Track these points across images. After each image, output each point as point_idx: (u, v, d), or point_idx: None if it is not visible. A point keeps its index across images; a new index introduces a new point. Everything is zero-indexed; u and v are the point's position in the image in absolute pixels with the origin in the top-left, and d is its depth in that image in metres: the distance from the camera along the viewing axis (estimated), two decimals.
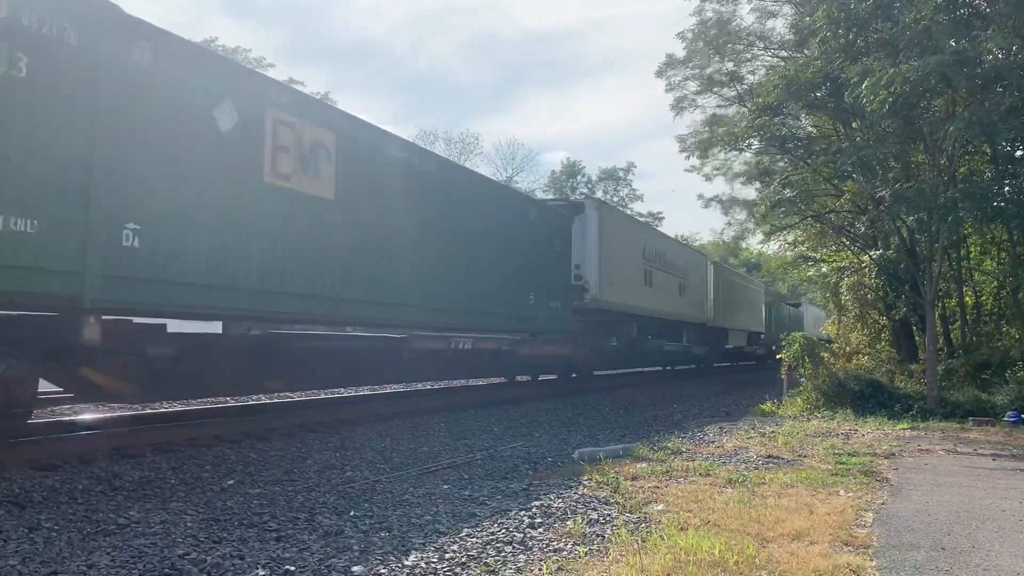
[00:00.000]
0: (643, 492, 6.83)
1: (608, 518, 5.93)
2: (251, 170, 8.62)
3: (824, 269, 21.38)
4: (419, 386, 16.65)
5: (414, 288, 11.57)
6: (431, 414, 12.58)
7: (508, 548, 5.08)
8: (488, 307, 13.93)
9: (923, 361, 15.81)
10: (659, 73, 24.81)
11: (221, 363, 9.08)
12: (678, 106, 24.77)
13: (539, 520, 5.85)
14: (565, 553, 4.98)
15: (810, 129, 17.99)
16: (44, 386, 7.85)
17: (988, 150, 15.86)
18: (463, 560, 4.80)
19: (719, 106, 24.60)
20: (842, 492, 7.04)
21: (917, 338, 18.41)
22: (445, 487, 7.14)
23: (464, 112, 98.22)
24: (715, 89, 24.13)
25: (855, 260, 19.97)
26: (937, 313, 16.37)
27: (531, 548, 5.09)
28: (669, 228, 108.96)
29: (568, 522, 5.73)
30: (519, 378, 18.62)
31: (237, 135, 8.39)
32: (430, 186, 12.19)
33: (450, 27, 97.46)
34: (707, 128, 24.33)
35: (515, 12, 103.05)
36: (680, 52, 24.01)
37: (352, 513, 6.00)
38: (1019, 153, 16.07)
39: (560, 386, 18.37)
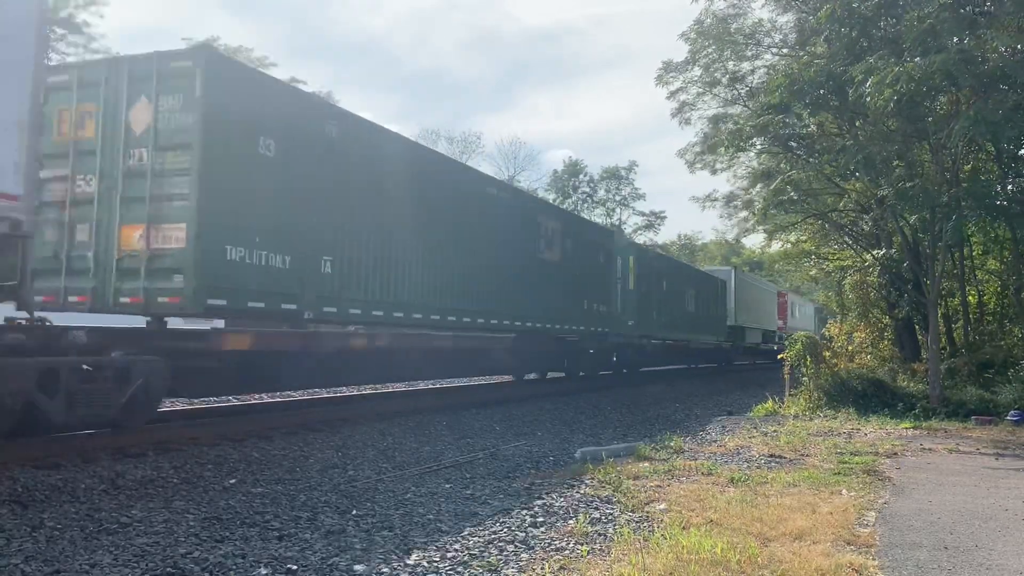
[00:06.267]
0: (645, 491, 6.82)
1: (610, 517, 5.93)
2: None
3: (828, 267, 21.36)
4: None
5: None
6: (433, 413, 12.58)
7: (510, 547, 5.08)
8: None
9: (926, 360, 15.79)
10: (658, 79, 24.68)
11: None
12: (680, 113, 24.72)
13: (541, 519, 5.85)
14: (567, 552, 4.98)
15: (812, 128, 17.96)
16: None
17: (992, 148, 15.83)
18: (465, 559, 4.80)
19: (721, 108, 24.56)
20: (844, 491, 7.03)
21: (920, 337, 18.39)
22: (447, 486, 7.14)
23: (465, 110, 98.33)
24: (715, 90, 24.06)
25: (858, 259, 19.96)
26: (940, 312, 16.35)
27: (533, 547, 5.09)
28: (671, 227, 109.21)
29: (570, 521, 5.73)
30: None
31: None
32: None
33: (451, 24, 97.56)
34: (712, 128, 24.26)
35: (516, 9, 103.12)
36: (681, 56, 23.95)
37: (354, 512, 6.00)
38: (1023, 151, 16.04)
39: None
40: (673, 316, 25.45)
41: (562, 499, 6.52)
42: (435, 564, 4.69)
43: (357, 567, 4.60)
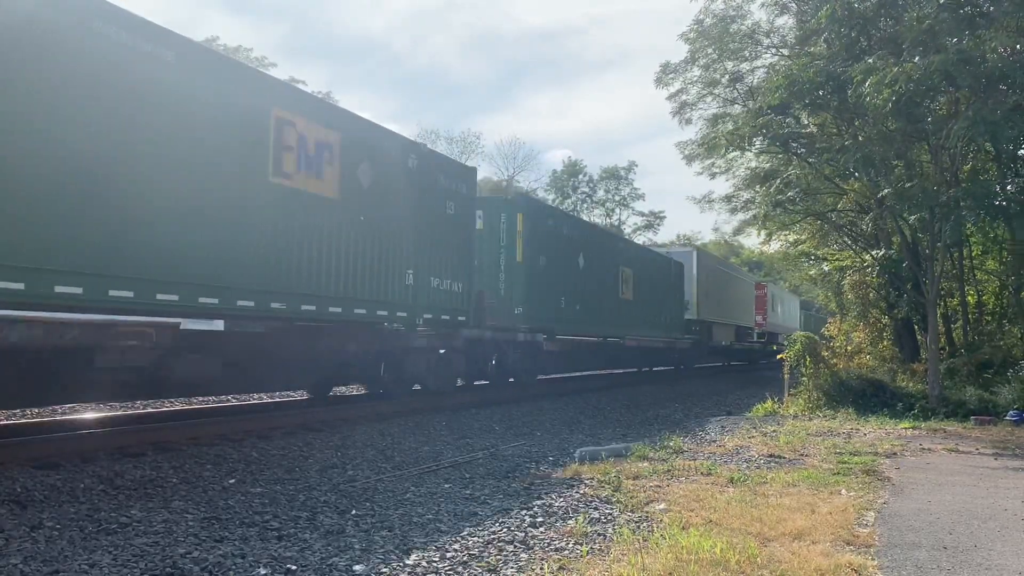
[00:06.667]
0: (645, 491, 6.82)
1: (610, 517, 5.93)
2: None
3: (826, 267, 21.39)
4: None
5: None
6: (432, 413, 12.58)
7: (509, 547, 5.08)
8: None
9: (925, 360, 15.80)
10: (657, 81, 24.63)
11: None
12: (680, 113, 24.70)
13: (540, 519, 5.85)
14: (567, 552, 4.98)
15: (812, 129, 17.98)
16: None
17: (991, 148, 15.84)
18: (464, 559, 4.80)
19: (721, 108, 24.56)
20: (844, 491, 7.03)
21: (919, 337, 18.41)
22: (446, 486, 7.14)
23: (465, 110, 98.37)
24: (716, 91, 24.06)
25: (857, 259, 19.98)
26: (939, 312, 16.36)
27: (532, 547, 5.09)
28: (671, 227, 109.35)
29: (570, 521, 5.73)
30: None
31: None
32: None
33: (451, 24, 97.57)
34: (711, 129, 24.26)
35: (516, 9, 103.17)
36: (680, 56, 23.94)
37: (353, 512, 6.00)
38: (1022, 152, 16.06)
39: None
40: (596, 305, 19.25)
41: (561, 499, 6.52)
42: (434, 564, 4.69)
43: (356, 567, 4.60)
